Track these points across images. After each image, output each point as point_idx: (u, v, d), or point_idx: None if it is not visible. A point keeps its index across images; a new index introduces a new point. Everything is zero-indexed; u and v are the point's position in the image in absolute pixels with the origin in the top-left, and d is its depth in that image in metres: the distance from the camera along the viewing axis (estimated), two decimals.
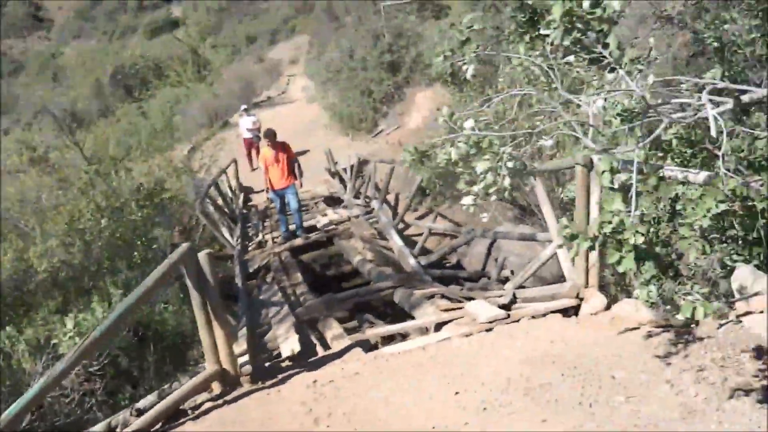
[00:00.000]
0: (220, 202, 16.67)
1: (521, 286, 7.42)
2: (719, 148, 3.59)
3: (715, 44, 6.37)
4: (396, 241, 11.45)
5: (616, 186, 3.07)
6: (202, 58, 44.68)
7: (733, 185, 2.76)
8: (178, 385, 5.87)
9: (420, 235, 12.33)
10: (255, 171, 19.68)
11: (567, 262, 6.60)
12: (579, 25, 2.67)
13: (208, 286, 5.59)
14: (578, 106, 3.60)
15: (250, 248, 13.25)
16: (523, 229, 10.32)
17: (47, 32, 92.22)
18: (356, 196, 15.86)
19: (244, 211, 17.50)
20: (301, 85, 29.41)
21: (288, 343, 6.61)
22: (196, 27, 57.14)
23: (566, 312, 6.30)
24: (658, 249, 4.77)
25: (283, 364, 6.31)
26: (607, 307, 6.05)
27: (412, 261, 10.37)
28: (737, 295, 5.05)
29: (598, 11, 2.63)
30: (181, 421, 5.43)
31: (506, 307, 6.65)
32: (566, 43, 2.83)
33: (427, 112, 19.18)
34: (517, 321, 6.24)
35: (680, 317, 3.28)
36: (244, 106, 22.11)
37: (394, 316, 8.37)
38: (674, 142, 5.22)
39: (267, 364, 6.47)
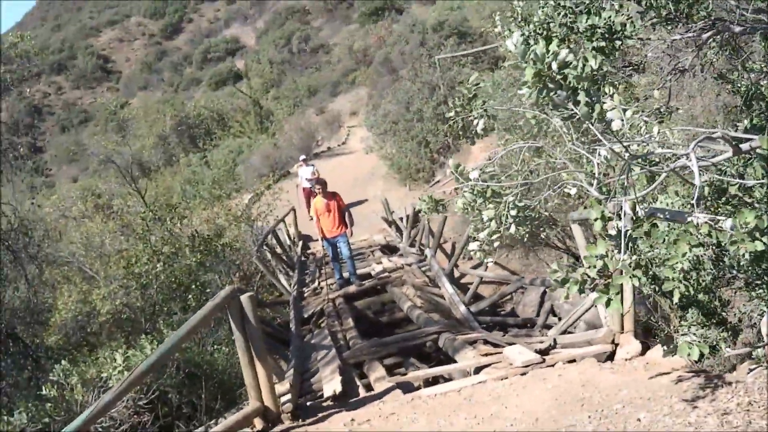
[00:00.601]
0: (278, 249, 17.11)
1: (567, 332, 7.54)
2: (750, 195, 3.76)
3: (742, 93, 6.50)
4: (447, 289, 11.64)
5: (612, 233, 3.27)
6: (265, 110, 45.69)
7: (706, 229, 2.93)
8: (224, 421, 6.14)
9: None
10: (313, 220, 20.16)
11: (608, 309, 6.72)
12: (550, 85, 2.90)
13: (251, 326, 5.88)
14: (588, 158, 3.80)
15: (306, 294, 13.58)
16: None
17: (115, 83, 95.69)
18: (411, 245, 16.09)
19: (303, 258, 17.87)
20: (360, 136, 29.93)
21: (331, 384, 6.86)
22: (259, 79, 58.46)
23: (602, 357, 6.40)
24: (700, 296, 4.88)
25: (325, 404, 6.55)
26: (643, 353, 6.15)
27: (462, 308, 10.54)
28: (765, 339, 5.11)
29: (570, 71, 2.85)
30: None
31: (544, 352, 6.78)
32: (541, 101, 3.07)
33: (484, 162, 19.36)
34: (552, 365, 6.38)
35: (679, 356, 3.42)
36: (303, 157, 22.61)
37: (438, 360, 8.55)
38: (706, 189, 5.35)
39: (309, 404, 6.72)
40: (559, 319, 9.51)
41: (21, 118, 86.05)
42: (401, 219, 18.77)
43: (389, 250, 16.72)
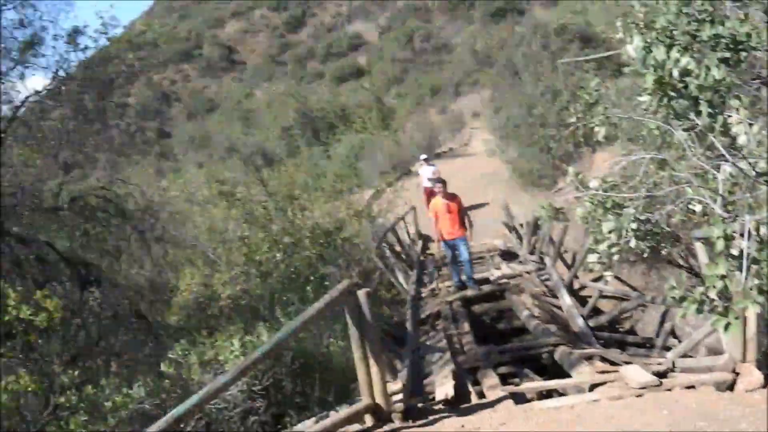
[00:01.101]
0: (398, 248, 17.33)
1: (686, 355, 7.39)
2: None
3: None
4: (566, 300, 11.53)
5: (735, 253, 3.21)
6: (387, 107, 46.01)
7: None
8: (335, 414, 6.35)
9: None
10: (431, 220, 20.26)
11: (725, 333, 6.53)
12: (671, 93, 2.90)
13: (366, 323, 6.01)
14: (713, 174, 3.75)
15: (423, 295, 13.71)
16: None
17: (240, 74, 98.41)
18: (531, 252, 15.98)
19: (422, 258, 18.03)
20: (482, 138, 29.81)
21: (443, 388, 6.97)
22: (382, 76, 58.83)
23: (721, 386, 6.24)
24: None
25: (436, 407, 6.66)
26: (765, 384, 5.94)
27: (579, 321, 10.44)
28: None
29: (691, 79, 2.85)
30: None
31: (662, 374, 6.67)
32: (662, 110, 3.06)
33: (607, 172, 19.02)
34: (669, 390, 6.28)
35: None
36: (424, 156, 22.64)
37: (553, 372, 8.52)
38: None
39: (420, 405, 6.86)
40: (679, 341, 9.29)
41: (149, 104, 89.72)
42: (522, 225, 18.64)
43: (509, 256, 16.65)
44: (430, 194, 21.08)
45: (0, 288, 6.92)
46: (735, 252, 3.24)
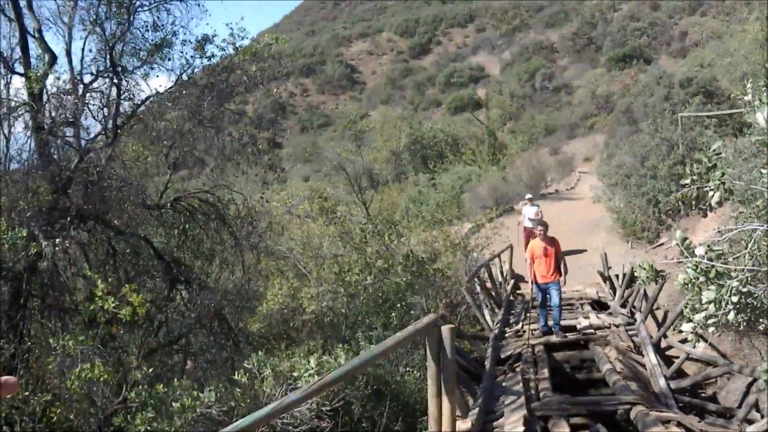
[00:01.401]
0: (488, 284, 17.30)
1: None
2: None
3: None
4: (650, 359, 11.32)
5: None
6: (499, 142, 45.96)
7: None
8: None
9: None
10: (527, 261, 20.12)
11: None
12: None
13: (446, 358, 6.07)
14: None
15: (507, 335, 13.67)
16: None
17: (358, 93, 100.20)
18: (623, 305, 15.71)
19: (511, 298, 17.94)
20: (590, 184, 29.41)
21: (511, 426, 6.97)
22: (498, 110, 58.86)
23: None
24: None
25: None
26: None
27: (662, 382, 10.23)
28: None
29: None
30: None
31: None
32: None
33: (713, 233, 18.52)
34: None
35: None
36: (529, 196, 22.55)
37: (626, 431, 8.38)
38: None
39: None
40: (762, 416, 8.99)
41: (265, 114, 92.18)
42: (617, 276, 18.33)
43: (599, 305, 16.41)
44: (529, 235, 20.91)
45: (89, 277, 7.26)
46: None
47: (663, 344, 12.87)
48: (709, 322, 3.89)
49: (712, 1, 65.49)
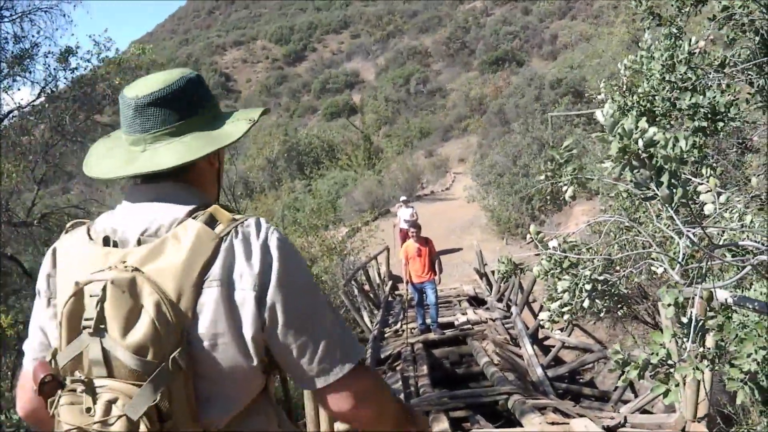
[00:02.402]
0: (366, 287, 17.21)
1: (644, 410, 7.33)
2: None
3: None
4: (527, 349, 11.49)
5: (684, 321, 3.17)
6: (375, 146, 46.22)
7: None
8: None
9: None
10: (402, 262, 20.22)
11: (664, 399, 6.45)
12: (635, 162, 2.85)
13: None
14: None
15: (386, 335, 13.59)
16: None
17: (233, 102, 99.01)
18: (500, 299, 15.93)
19: (390, 298, 17.90)
20: (464, 184, 29.91)
21: None
22: (373, 115, 59.22)
23: None
24: None
25: None
26: None
27: (539, 371, 10.38)
28: None
29: (659, 150, 2.79)
30: None
31: (612, 429, 6.58)
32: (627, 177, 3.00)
33: (584, 226, 19.09)
34: None
35: None
36: (404, 198, 22.57)
37: (507, 420, 8.39)
38: None
39: None
40: (636, 395, 9.24)
41: None
42: (493, 272, 18.60)
43: (476, 301, 16.57)
44: (405, 236, 20.99)
45: None
46: (685, 320, 3.20)
47: (540, 335, 13.09)
48: (564, 309, 3.92)
49: (582, 4, 68.18)
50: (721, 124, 4.61)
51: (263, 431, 1.73)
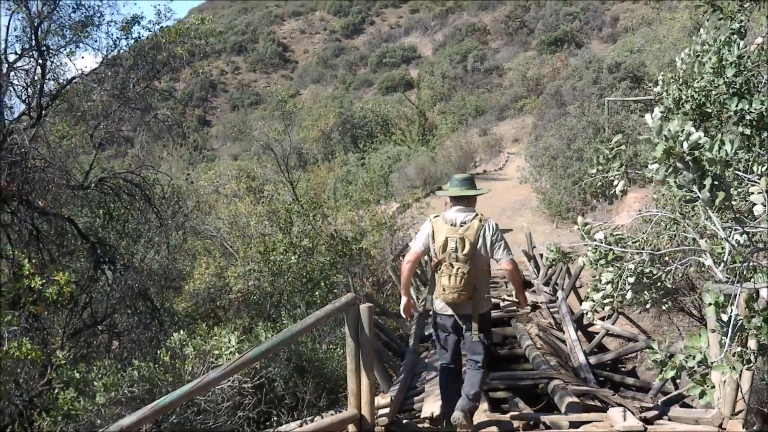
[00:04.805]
0: None
1: (684, 403, 7.32)
2: None
3: None
4: (570, 334, 11.49)
5: (725, 319, 3.21)
6: (429, 122, 46.09)
7: None
8: (320, 420, 6.36)
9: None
10: None
11: (701, 400, 6.42)
12: (679, 165, 2.89)
13: (364, 336, 6.05)
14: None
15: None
16: None
17: (290, 72, 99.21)
18: (546, 283, 15.92)
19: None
20: (518, 165, 29.77)
21: (430, 406, 6.95)
22: (429, 91, 58.96)
23: None
24: None
25: (420, 425, 6.65)
26: None
27: (581, 357, 10.37)
28: None
29: (705, 152, 2.82)
30: None
31: (649, 421, 6.58)
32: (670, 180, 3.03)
33: (636, 213, 18.88)
34: None
35: None
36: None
37: (547, 404, 8.45)
38: None
39: (405, 421, 6.85)
40: (676, 387, 9.20)
41: (196, 92, 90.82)
42: (541, 255, 18.55)
43: (524, 284, 16.55)
44: None
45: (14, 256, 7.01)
46: (725, 317, 3.24)
47: (585, 321, 13.08)
48: (606, 301, 4.01)
49: None
50: (765, 133, 4.56)
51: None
